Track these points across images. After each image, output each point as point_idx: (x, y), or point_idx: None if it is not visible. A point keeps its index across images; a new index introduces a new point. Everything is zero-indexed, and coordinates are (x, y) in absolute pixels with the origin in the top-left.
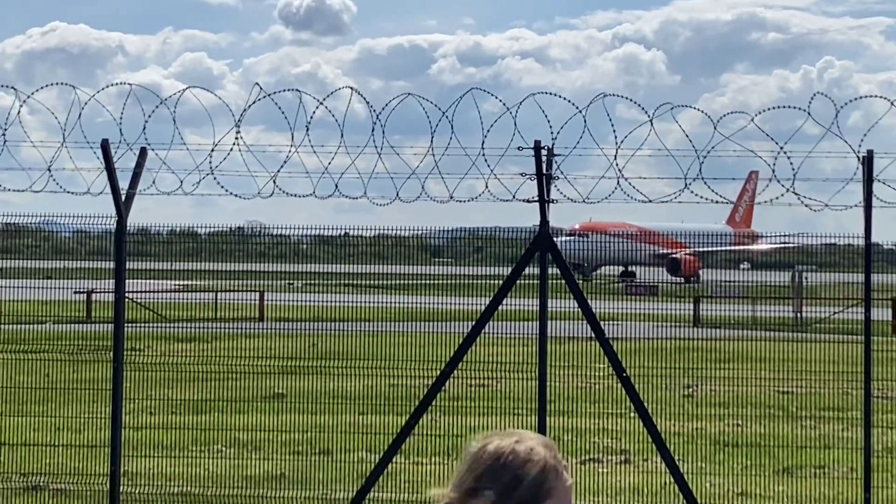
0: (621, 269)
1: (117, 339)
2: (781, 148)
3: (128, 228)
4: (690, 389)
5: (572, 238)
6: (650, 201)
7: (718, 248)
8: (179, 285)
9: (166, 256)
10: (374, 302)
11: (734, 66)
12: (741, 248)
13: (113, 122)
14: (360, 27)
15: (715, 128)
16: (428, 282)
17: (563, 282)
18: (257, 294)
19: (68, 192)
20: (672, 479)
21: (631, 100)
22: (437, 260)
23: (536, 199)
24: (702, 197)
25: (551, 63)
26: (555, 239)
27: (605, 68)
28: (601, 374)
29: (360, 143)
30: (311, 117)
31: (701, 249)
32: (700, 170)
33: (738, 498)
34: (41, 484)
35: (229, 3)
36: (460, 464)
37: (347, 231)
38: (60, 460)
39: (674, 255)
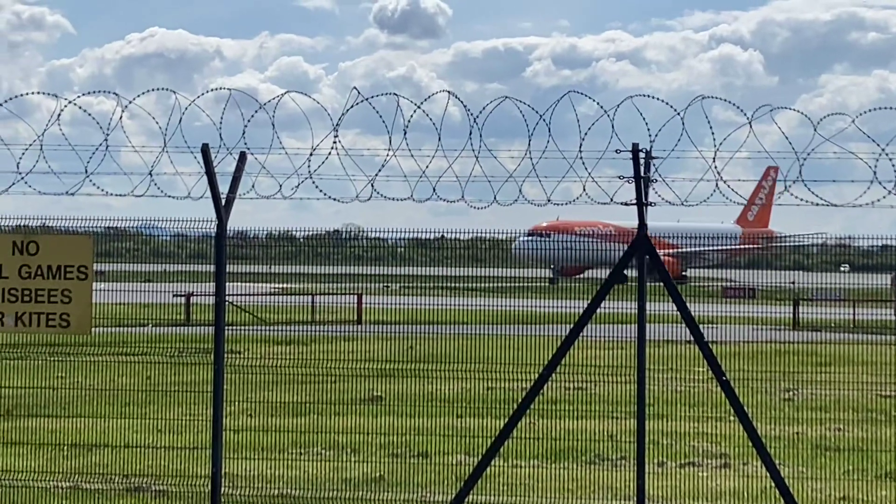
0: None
1: (218, 342)
2: (883, 150)
3: (227, 232)
4: (790, 393)
5: (531, 238)
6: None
7: (707, 249)
8: (277, 288)
9: (264, 260)
10: (471, 305)
11: (833, 66)
12: (718, 248)
13: (211, 126)
14: (454, 30)
15: (815, 129)
16: (524, 284)
17: (660, 285)
18: (355, 297)
19: (169, 197)
20: (772, 484)
21: (729, 101)
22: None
23: (634, 202)
24: (802, 199)
25: (647, 65)
26: (523, 238)
27: (702, 69)
28: (699, 377)
29: (456, 146)
30: (409, 121)
31: (684, 250)
32: (800, 172)
33: (840, 502)
34: (142, 485)
35: (325, 8)
36: None
37: (444, 234)
38: (161, 462)
39: None
